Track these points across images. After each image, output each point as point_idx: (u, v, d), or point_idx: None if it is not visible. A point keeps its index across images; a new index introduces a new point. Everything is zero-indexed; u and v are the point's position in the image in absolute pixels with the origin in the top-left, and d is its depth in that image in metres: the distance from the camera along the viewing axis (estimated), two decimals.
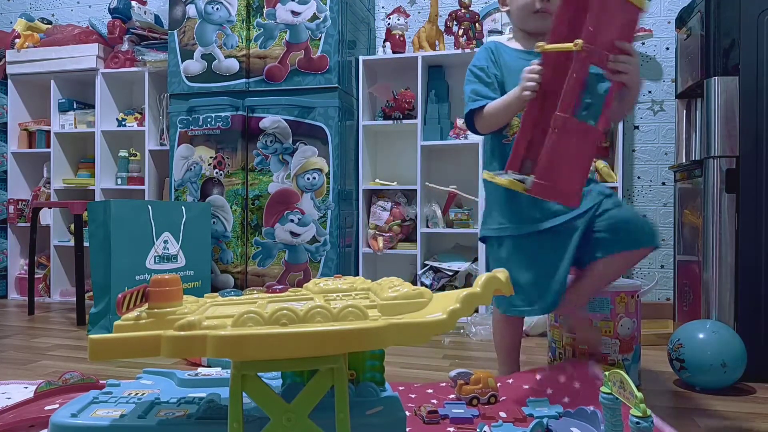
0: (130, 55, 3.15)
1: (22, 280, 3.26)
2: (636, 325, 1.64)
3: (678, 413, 1.38)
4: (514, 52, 1.47)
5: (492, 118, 1.43)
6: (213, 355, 0.71)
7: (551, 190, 1.24)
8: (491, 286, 0.80)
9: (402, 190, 2.85)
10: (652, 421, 0.86)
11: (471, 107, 1.45)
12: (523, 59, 1.41)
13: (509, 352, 1.59)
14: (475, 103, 1.44)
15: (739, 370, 1.53)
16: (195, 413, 0.88)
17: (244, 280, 2.73)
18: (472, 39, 2.69)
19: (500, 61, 1.46)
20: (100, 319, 2.22)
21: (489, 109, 1.42)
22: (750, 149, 1.65)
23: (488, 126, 1.45)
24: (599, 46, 1.18)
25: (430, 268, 2.69)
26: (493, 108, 1.41)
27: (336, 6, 2.61)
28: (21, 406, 1.21)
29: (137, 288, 0.83)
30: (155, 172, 3.15)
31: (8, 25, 3.69)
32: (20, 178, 3.39)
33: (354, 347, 0.77)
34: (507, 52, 1.47)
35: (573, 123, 1.21)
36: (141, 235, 2.32)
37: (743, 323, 1.63)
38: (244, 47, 2.72)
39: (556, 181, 1.23)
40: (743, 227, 1.65)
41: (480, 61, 1.48)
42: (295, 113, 2.65)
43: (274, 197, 2.68)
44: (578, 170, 1.24)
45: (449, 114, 2.82)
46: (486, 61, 1.47)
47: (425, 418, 1.23)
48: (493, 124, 1.44)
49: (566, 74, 1.18)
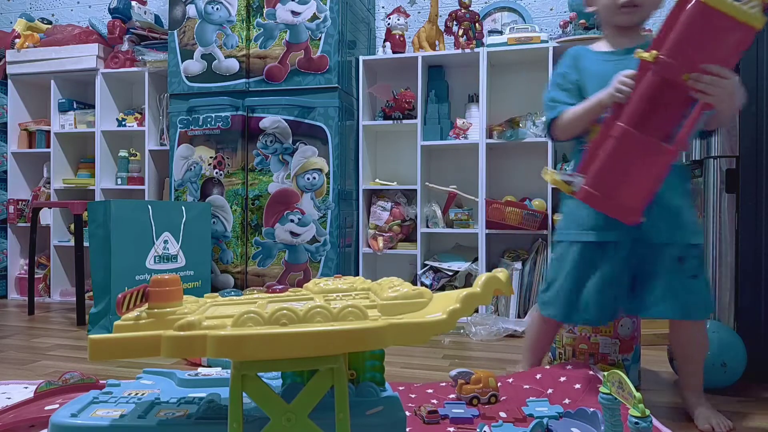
0: (130, 55, 3.15)
1: (22, 280, 3.26)
2: (636, 325, 1.64)
3: (678, 413, 1.38)
4: (595, 56, 1.44)
5: (570, 124, 1.40)
6: (213, 355, 0.71)
7: (597, 199, 1.20)
8: (491, 286, 0.80)
9: (402, 190, 2.85)
10: (651, 421, 0.86)
11: (549, 116, 1.44)
12: (605, 61, 1.39)
13: (536, 353, 1.62)
14: (553, 111, 1.43)
15: (739, 370, 1.53)
16: (195, 413, 0.88)
17: (244, 280, 2.73)
18: (472, 39, 2.69)
19: (580, 65, 1.44)
20: (100, 319, 2.22)
21: (567, 114, 1.40)
22: (750, 149, 1.65)
23: (566, 132, 1.43)
24: (683, 61, 1.11)
25: (430, 268, 2.69)
26: (572, 113, 1.39)
27: (336, 6, 2.61)
28: (21, 406, 1.21)
29: (137, 288, 0.83)
30: (155, 172, 3.15)
31: (8, 25, 3.69)
32: (20, 178, 3.39)
33: (354, 347, 0.77)
34: (588, 56, 1.45)
35: (634, 137, 1.16)
36: (141, 235, 2.32)
37: (743, 323, 1.63)
38: (244, 47, 2.72)
39: (606, 191, 1.19)
40: (743, 227, 1.65)
41: (561, 68, 1.48)
42: (295, 113, 2.65)
43: (274, 197, 2.68)
44: (637, 187, 1.18)
45: (449, 114, 2.82)
46: (566, 68, 1.46)
47: (425, 418, 1.23)
48: (571, 130, 1.42)
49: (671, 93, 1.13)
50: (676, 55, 1.12)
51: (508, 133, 2.62)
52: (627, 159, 1.18)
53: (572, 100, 1.42)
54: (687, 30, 1.10)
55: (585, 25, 2.57)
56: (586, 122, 1.37)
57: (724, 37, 1.10)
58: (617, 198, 1.19)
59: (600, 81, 1.33)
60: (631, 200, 1.19)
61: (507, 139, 2.61)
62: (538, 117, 2.59)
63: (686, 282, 1.33)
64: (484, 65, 2.63)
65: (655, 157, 1.16)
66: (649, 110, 1.18)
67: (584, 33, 2.55)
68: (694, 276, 1.34)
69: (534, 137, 2.58)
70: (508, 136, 2.61)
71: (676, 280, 1.33)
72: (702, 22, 1.09)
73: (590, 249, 1.40)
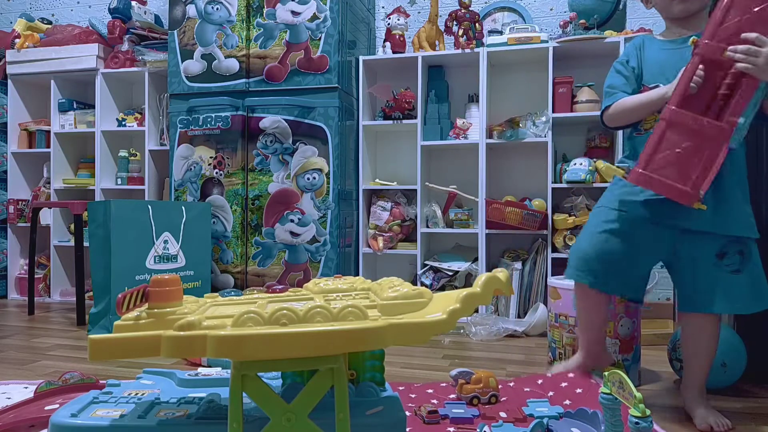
0: (130, 55, 3.15)
1: (22, 280, 3.26)
2: (636, 325, 1.64)
3: (678, 413, 1.38)
4: (658, 44, 1.44)
5: (624, 112, 1.41)
6: (213, 355, 0.71)
7: (649, 179, 1.22)
8: (491, 286, 0.80)
9: (402, 190, 2.85)
10: (652, 420, 0.86)
11: (606, 103, 1.45)
12: (666, 50, 1.40)
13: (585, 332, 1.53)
14: (611, 98, 1.43)
15: (739, 370, 1.53)
16: (195, 413, 0.88)
17: (244, 280, 2.73)
18: (472, 39, 2.69)
19: (642, 54, 1.45)
20: (100, 319, 2.22)
21: (624, 102, 1.40)
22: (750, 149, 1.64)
23: (618, 120, 1.44)
24: (722, 40, 1.16)
25: (430, 268, 2.69)
26: (630, 102, 1.39)
27: (336, 6, 2.61)
28: (21, 406, 1.21)
29: (137, 288, 0.83)
30: (155, 172, 3.15)
31: (8, 25, 3.69)
32: (20, 178, 3.39)
33: (354, 347, 0.77)
34: (651, 44, 1.45)
35: (681, 115, 1.18)
36: (141, 235, 2.32)
37: (743, 323, 1.63)
38: (244, 47, 2.72)
39: (658, 170, 1.20)
40: None
41: (623, 55, 1.49)
42: (295, 113, 2.65)
43: (274, 197, 2.68)
44: (689, 166, 1.18)
45: (449, 114, 2.82)
46: (628, 56, 1.47)
47: (425, 418, 1.23)
48: (625, 118, 1.42)
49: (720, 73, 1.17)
50: (713, 36, 1.16)
51: (508, 133, 2.61)
52: (676, 138, 1.19)
53: (629, 88, 1.42)
54: (723, 12, 1.16)
55: (585, 25, 2.57)
56: (646, 113, 1.37)
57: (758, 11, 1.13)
58: (669, 177, 1.20)
59: (658, 69, 1.36)
60: (683, 180, 1.19)
61: (507, 139, 2.61)
62: (538, 117, 2.59)
63: (726, 277, 1.31)
64: (484, 65, 2.63)
65: (704, 134, 1.17)
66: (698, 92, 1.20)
67: (584, 33, 2.55)
68: (736, 271, 1.31)
69: (534, 137, 2.58)
70: (508, 136, 2.61)
71: (714, 274, 1.31)
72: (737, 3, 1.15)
73: (620, 219, 1.39)
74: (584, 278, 1.44)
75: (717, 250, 1.32)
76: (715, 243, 1.32)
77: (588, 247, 1.44)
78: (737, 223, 1.32)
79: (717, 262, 1.31)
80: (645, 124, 1.41)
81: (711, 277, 1.32)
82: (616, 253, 1.40)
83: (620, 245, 1.39)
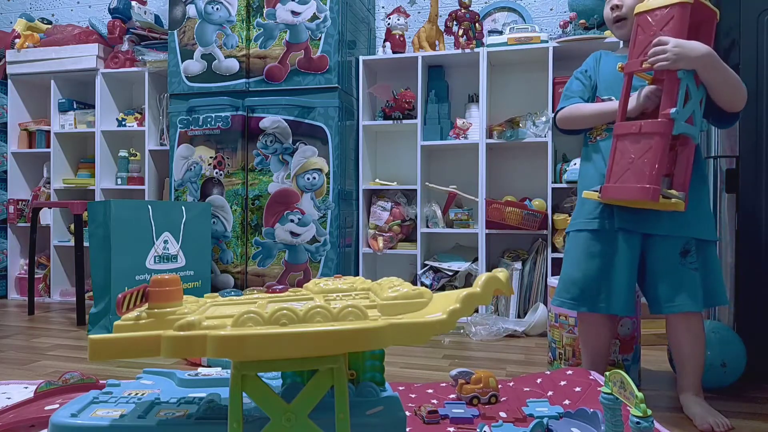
0: (130, 55, 3.15)
1: (22, 280, 3.26)
2: (636, 325, 1.64)
3: (678, 413, 1.38)
4: (613, 59, 1.54)
5: (575, 118, 1.52)
6: (213, 355, 0.71)
7: (614, 190, 1.33)
8: (491, 286, 0.80)
9: (402, 190, 2.85)
10: (653, 420, 0.86)
11: (562, 104, 1.57)
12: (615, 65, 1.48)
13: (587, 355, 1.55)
14: (567, 101, 1.56)
15: (739, 370, 1.53)
16: (195, 413, 0.88)
17: (244, 280, 2.73)
18: (472, 39, 2.69)
19: (598, 67, 1.57)
20: (100, 319, 2.22)
21: (579, 108, 1.52)
22: (750, 149, 1.65)
23: (569, 123, 1.55)
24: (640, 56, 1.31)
25: (430, 268, 2.69)
26: (587, 109, 1.51)
27: (336, 6, 2.61)
28: (21, 406, 1.21)
29: (137, 288, 0.83)
30: (155, 172, 3.15)
31: (8, 25, 3.69)
32: (20, 178, 3.39)
33: (354, 347, 0.77)
34: (608, 59, 1.56)
35: (625, 126, 1.32)
36: (141, 235, 2.32)
37: (743, 323, 1.63)
38: (244, 47, 2.72)
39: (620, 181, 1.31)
40: (743, 227, 1.65)
41: (584, 66, 1.60)
42: (295, 113, 2.65)
43: (274, 197, 2.68)
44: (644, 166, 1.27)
45: (449, 114, 2.82)
46: (587, 66, 1.59)
47: (425, 418, 1.23)
48: (575, 123, 1.54)
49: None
50: (632, 55, 1.34)
51: (508, 133, 2.61)
52: (626, 146, 1.32)
53: (585, 95, 1.54)
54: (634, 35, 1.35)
55: (585, 25, 2.57)
56: (598, 122, 1.49)
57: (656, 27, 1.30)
58: (628, 181, 1.30)
59: (611, 82, 1.48)
60: (640, 179, 1.28)
61: (507, 139, 2.61)
62: (538, 117, 2.59)
63: (689, 274, 1.37)
64: (484, 65, 2.63)
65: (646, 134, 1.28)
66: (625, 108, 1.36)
67: (584, 33, 2.55)
68: (697, 269, 1.38)
69: (534, 137, 2.58)
70: (508, 136, 2.61)
71: (678, 272, 1.37)
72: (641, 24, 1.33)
73: (596, 237, 1.45)
74: (582, 305, 1.46)
75: (680, 249, 1.38)
76: (678, 243, 1.39)
77: (577, 273, 1.47)
78: (699, 225, 1.40)
79: (681, 260, 1.38)
80: (595, 132, 1.52)
81: (675, 275, 1.37)
82: (602, 270, 1.43)
83: (602, 262, 1.43)
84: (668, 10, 1.28)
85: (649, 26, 1.31)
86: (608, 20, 1.54)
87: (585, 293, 1.44)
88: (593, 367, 1.52)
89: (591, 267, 1.44)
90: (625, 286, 1.41)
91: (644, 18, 1.32)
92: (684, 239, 1.38)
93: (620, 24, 1.51)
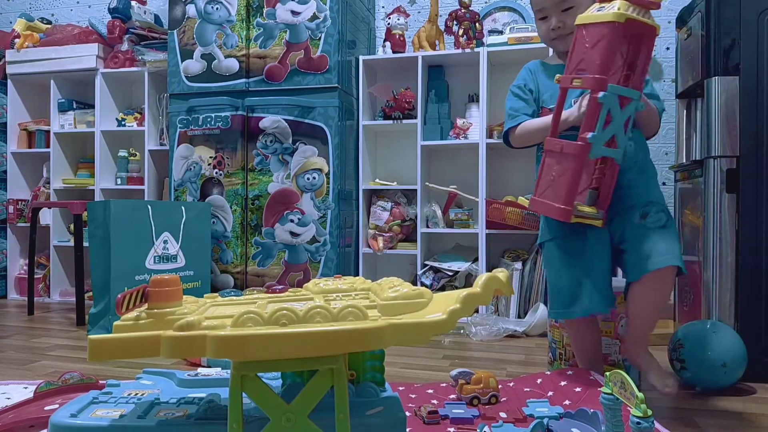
0: (129, 55, 3.15)
1: (22, 280, 3.26)
2: None
3: (678, 413, 1.38)
4: (551, 69, 1.54)
5: (529, 134, 1.52)
6: (212, 356, 0.71)
7: (537, 203, 1.37)
8: (491, 286, 0.80)
9: (402, 190, 2.85)
10: (653, 421, 0.86)
11: (509, 125, 1.56)
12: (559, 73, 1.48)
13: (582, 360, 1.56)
14: (514, 120, 1.55)
15: (739, 370, 1.53)
16: (195, 413, 0.88)
17: (244, 280, 2.73)
18: (472, 39, 2.69)
19: (537, 78, 1.57)
20: (99, 319, 2.22)
21: (527, 125, 1.52)
22: (750, 149, 1.65)
23: (523, 141, 1.55)
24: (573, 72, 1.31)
25: (430, 268, 2.69)
26: (534, 124, 1.51)
27: (336, 6, 2.61)
28: (21, 406, 1.20)
29: (137, 288, 0.83)
30: (155, 172, 3.15)
31: (8, 25, 3.69)
32: (20, 178, 3.39)
33: (354, 347, 0.77)
34: (546, 69, 1.57)
35: (551, 143, 1.34)
36: (141, 235, 2.32)
37: (743, 323, 1.63)
38: (244, 47, 2.71)
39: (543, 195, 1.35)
40: (743, 227, 1.65)
41: (519, 80, 1.60)
42: (295, 113, 2.65)
43: (274, 197, 2.68)
44: (561, 186, 1.31)
45: (449, 114, 2.82)
46: (525, 80, 1.58)
47: (425, 419, 1.22)
48: (530, 139, 1.54)
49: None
50: (567, 71, 1.34)
51: None
52: (551, 163, 1.35)
53: (530, 110, 1.55)
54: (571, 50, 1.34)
55: None
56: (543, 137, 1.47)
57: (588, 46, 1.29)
58: (548, 198, 1.34)
59: (553, 91, 1.47)
60: (557, 199, 1.31)
61: None
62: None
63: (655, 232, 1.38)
64: (484, 65, 2.63)
65: (566, 155, 1.30)
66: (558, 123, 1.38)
67: None
68: (663, 227, 1.39)
69: None
70: None
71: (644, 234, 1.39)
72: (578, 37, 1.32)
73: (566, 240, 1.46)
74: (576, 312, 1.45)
75: (639, 213, 1.41)
76: (635, 210, 1.41)
77: (561, 281, 1.47)
78: (652, 191, 1.45)
79: (642, 223, 1.40)
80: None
81: (641, 237, 1.39)
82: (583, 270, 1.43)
83: (580, 262, 1.44)
84: (600, 28, 1.27)
85: (583, 41, 1.30)
86: (546, 38, 1.53)
87: (575, 298, 1.44)
88: (591, 368, 1.52)
89: (572, 272, 1.44)
90: (604, 280, 1.43)
91: (581, 32, 1.31)
92: (641, 204, 1.41)
93: (561, 39, 1.49)
